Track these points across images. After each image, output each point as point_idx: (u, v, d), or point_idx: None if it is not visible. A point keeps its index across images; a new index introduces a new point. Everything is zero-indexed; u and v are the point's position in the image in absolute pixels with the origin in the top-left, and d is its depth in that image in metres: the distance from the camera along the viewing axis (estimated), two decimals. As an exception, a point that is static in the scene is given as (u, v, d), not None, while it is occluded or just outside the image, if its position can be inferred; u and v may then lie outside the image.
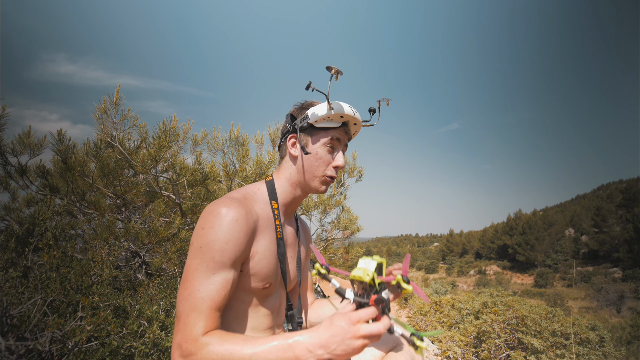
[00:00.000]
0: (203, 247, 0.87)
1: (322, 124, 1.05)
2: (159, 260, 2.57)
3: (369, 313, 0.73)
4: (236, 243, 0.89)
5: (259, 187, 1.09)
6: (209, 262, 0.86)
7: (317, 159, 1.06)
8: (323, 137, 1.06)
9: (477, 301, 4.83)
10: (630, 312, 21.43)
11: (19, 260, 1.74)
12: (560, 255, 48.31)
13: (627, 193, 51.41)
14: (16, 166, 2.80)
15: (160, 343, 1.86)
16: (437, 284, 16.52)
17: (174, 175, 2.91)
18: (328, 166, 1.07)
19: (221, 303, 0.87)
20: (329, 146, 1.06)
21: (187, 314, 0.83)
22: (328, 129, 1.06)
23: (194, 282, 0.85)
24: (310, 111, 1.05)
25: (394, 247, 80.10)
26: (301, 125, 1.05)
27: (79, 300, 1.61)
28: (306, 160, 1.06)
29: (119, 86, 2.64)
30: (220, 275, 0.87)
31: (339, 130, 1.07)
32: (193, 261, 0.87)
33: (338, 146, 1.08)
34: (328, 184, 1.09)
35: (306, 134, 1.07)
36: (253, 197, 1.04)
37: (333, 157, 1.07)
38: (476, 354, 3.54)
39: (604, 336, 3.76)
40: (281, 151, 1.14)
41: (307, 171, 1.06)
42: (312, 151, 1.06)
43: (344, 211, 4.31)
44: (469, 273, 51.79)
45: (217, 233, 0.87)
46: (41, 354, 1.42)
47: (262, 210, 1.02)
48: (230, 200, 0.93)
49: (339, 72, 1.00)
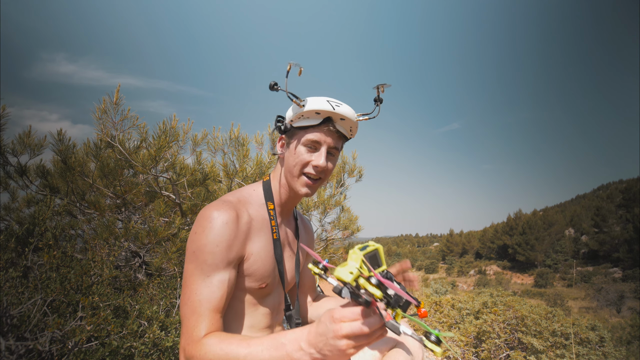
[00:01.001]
0: (196, 251, 0.89)
1: (298, 123, 1.01)
2: (159, 260, 2.57)
3: (353, 311, 0.66)
4: (227, 245, 0.90)
5: (255, 188, 1.09)
6: (203, 266, 0.88)
7: (294, 158, 1.02)
8: (302, 137, 1.01)
9: (477, 301, 4.82)
10: (630, 312, 21.43)
11: (19, 260, 1.74)
12: (560, 255, 48.30)
13: (627, 193, 51.38)
14: (16, 166, 2.80)
15: (160, 343, 1.86)
16: (437, 284, 16.52)
17: (174, 175, 2.91)
18: (307, 166, 1.01)
19: (220, 304, 0.88)
20: (308, 146, 1.01)
21: (188, 318, 0.85)
22: (306, 128, 1.00)
23: (192, 285, 0.87)
24: (288, 111, 1.05)
25: (394, 247, 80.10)
26: (284, 126, 1.04)
27: (79, 300, 1.61)
28: (287, 160, 1.04)
29: (119, 86, 2.64)
30: (215, 277, 0.88)
31: (319, 129, 1.00)
32: (189, 266, 0.90)
33: (319, 145, 1.01)
34: (309, 186, 1.03)
35: (289, 135, 1.05)
36: (248, 199, 1.04)
37: (313, 157, 1.01)
38: (476, 354, 3.54)
39: (604, 336, 3.75)
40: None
41: (288, 171, 1.04)
42: (292, 151, 1.02)
43: (344, 211, 4.31)
44: (469, 273, 51.78)
45: (207, 237, 0.89)
46: (41, 354, 1.42)
47: (256, 212, 1.02)
48: (222, 204, 0.94)
49: (298, 65, 0.98)
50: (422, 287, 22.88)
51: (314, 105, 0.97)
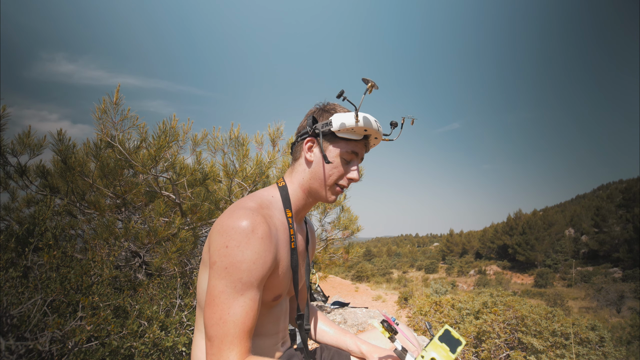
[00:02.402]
0: (229, 267, 0.83)
1: (344, 135, 0.99)
2: (159, 260, 2.57)
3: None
4: (264, 262, 0.86)
5: (273, 193, 1.04)
6: (237, 284, 0.83)
7: (332, 168, 1.01)
8: (343, 148, 1.00)
9: (477, 301, 4.82)
10: (630, 312, 21.41)
11: (19, 260, 1.74)
12: (560, 255, 48.29)
13: (627, 193, 51.38)
14: (16, 166, 2.80)
15: (160, 343, 1.86)
16: (437, 284, 16.50)
17: (174, 175, 2.91)
18: (342, 177, 1.03)
19: (252, 324, 0.85)
20: (345, 157, 1.01)
21: (220, 339, 0.81)
22: (349, 140, 1.01)
23: (223, 305, 0.82)
24: (335, 118, 0.99)
25: (394, 247, 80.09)
26: (322, 131, 1.00)
27: (79, 300, 1.61)
28: (321, 168, 1.01)
29: (119, 86, 2.64)
30: (247, 295, 0.84)
31: (359, 143, 1.02)
32: (219, 282, 0.83)
33: (355, 159, 1.03)
34: (338, 195, 1.05)
35: (326, 141, 1.01)
36: (269, 206, 0.99)
37: (349, 169, 1.03)
38: (476, 354, 3.54)
39: (604, 336, 3.75)
40: (295, 152, 1.09)
41: (320, 179, 1.02)
42: (330, 159, 1.00)
43: (344, 211, 4.31)
44: (469, 273, 51.76)
45: (244, 253, 0.83)
46: (41, 354, 1.42)
47: (279, 222, 0.98)
48: (252, 213, 0.88)
49: (374, 86, 0.95)
50: (422, 287, 22.87)
51: (367, 124, 0.98)
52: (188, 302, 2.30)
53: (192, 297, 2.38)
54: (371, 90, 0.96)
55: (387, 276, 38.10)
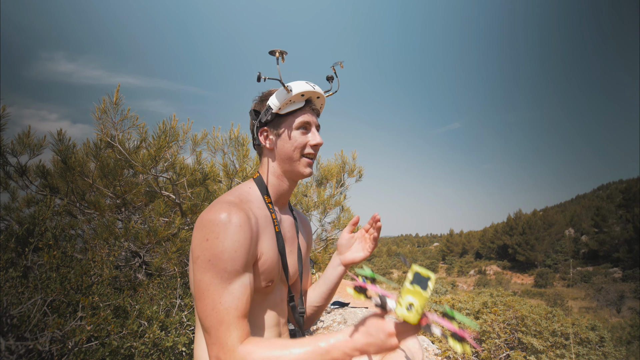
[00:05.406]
0: (212, 259, 0.84)
1: (286, 109, 1.03)
2: (159, 260, 2.57)
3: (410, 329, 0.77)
4: (245, 249, 0.88)
5: (250, 185, 1.08)
6: (223, 274, 0.84)
7: (292, 144, 1.05)
8: (292, 122, 1.05)
9: (477, 301, 4.82)
10: (630, 312, 21.43)
11: (19, 260, 1.74)
12: (560, 255, 48.30)
13: (627, 193, 51.38)
14: (16, 166, 2.80)
15: (160, 343, 1.86)
16: (437, 284, 16.51)
17: (174, 175, 2.91)
18: (305, 146, 1.06)
19: (245, 309, 0.86)
20: (300, 129, 1.05)
21: (217, 328, 0.82)
22: (295, 112, 1.05)
23: (213, 295, 0.83)
24: (271, 100, 1.04)
25: (394, 247, 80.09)
26: (267, 119, 1.04)
27: (79, 300, 1.61)
28: (283, 149, 1.05)
29: (119, 86, 2.64)
30: (236, 283, 0.86)
31: (305, 110, 1.06)
32: (205, 275, 0.85)
33: (309, 126, 1.07)
34: (310, 165, 1.09)
35: (275, 125, 1.06)
36: (247, 197, 1.02)
37: (308, 137, 1.07)
38: (476, 354, 3.54)
39: (604, 336, 3.76)
40: (258, 149, 1.13)
41: (287, 157, 1.06)
42: (286, 138, 1.05)
43: (344, 211, 4.31)
44: (469, 273, 51.78)
45: (223, 243, 0.85)
46: (41, 354, 1.42)
47: (259, 210, 1.02)
48: (228, 205, 0.91)
49: (283, 52, 0.99)
50: (422, 287, 22.81)
51: (299, 88, 1.02)
52: (188, 302, 2.30)
53: (192, 297, 2.38)
54: (283, 59, 1.00)
55: (387, 276, 38.11)
